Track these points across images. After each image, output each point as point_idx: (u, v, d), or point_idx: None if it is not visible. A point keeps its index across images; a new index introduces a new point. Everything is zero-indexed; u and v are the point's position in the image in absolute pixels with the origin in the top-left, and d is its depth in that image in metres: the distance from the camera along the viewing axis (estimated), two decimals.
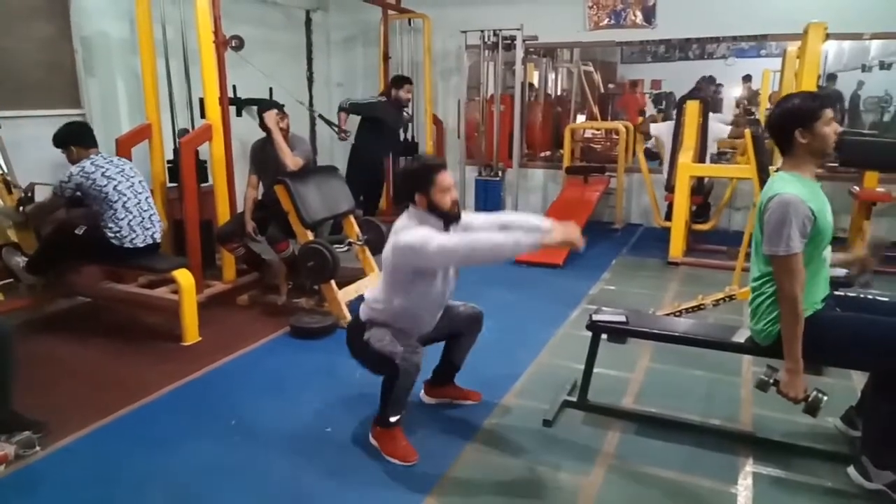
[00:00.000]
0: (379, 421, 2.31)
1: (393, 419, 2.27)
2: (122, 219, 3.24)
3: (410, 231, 2.14)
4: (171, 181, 4.18)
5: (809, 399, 2.06)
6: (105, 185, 3.20)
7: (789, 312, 2.01)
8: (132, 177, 3.35)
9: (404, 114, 5.51)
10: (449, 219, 2.21)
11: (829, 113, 2.01)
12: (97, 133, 3.45)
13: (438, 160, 2.34)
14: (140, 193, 3.36)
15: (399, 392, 2.22)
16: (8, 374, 2.27)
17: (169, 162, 4.21)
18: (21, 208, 3.44)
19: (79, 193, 3.22)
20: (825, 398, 2.06)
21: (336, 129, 5.39)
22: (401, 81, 5.28)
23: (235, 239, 3.87)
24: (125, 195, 3.26)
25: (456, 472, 2.19)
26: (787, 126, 2.04)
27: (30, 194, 3.47)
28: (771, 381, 2.11)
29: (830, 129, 2.01)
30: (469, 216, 2.35)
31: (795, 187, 1.99)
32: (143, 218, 3.34)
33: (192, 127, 4.31)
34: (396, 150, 5.89)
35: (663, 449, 2.33)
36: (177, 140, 4.20)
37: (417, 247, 2.08)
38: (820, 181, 2.12)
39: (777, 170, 2.15)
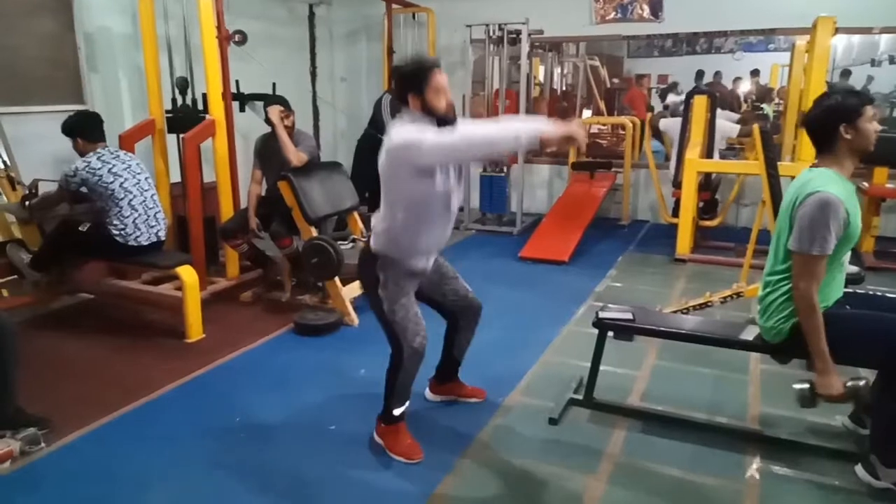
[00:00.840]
0: (383, 416, 2.29)
1: (396, 412, 2.26)
2: (128, 216, 3.24)
3: (403, 130, 2.03)
4: (169, 131, 4.08)
5: (848, 390, 2.01)
6: (111, 182, 3.19)
7: (807, 312, 1.98)
8: (139, 173, 3.34)
9: None
10: (444, 122, 2.05)
11: (870, 110, 1.99)
12: None
13: (433, 59, 2.19)
14: (146, 191, 3.34)
15: (403, 380, 2.20)
16: (12, 371, 2.27)
17: (167, 112, 4.10)
18: (26, 203, 3.43)
19: (84, 189, 3.21)
20: (863, 382, 2.02)
21: None
22: None
23: (239, 235, 3.86)
24: (131, 192, 3.25)
25: (461, 469, 2.18)
26: (831, 122, 2.01)
27: (34, 190, 3.47)
28: (807, 392, 2.06)
29: (872, 126, 1.99)
30: (467, 123, 2.18)
31: (837, 187, 1.95)
32: (149, 216, 3.33)
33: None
34: None
35: (670, 447, 2.31)
36: (174, 90, 4.13)
37: (412, 143, 1.97)
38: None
39: (813, 165, 2.11)
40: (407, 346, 2.16)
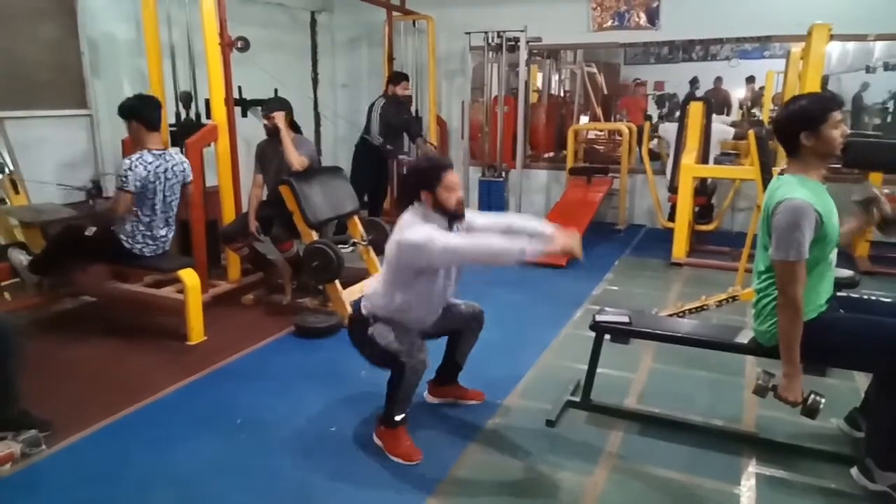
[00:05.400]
0: (383, 420, 2.32)
1: (398, 418, 2.28)
2: (141, 230, 3.24)
3: (415, 229, 2.16)
4: (172, 145, 4.10)
5: (808, 402, 2.06)
6: (146, 191, 3.17)
7: (791, 317, 2.00)
8: (171, 184, 3.28)
9: (409, 111, 5.54)
10: (453, 218, 2.23)
11: (836, 115, 1.99)
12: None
13: (446, 160, 2.41)
14: (167, 212, 3.32)
15: (405, 390, 2.23)
16: (14, 373, 2.28)
17: (171, 125, 4.14)
18: (90, 202, 3.40)
19: (138, 184, 3.14)
20: (823, 400, 2.06)
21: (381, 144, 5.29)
22: (397, 78, 5.35)
23: (240, 239, 3.88)
24: (155, 215, 3.25)
25: (459, 471, 2.20)
26: (793, 128, 2.03)
27: (95, 189, 3.43)
28: (769, 386, 2.11)
29: (838, 131, 1.99)
30: (472, 215, 2.37)
31: (802, 191, 1.97)
32: (158, 236, 3.33)
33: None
34: (413, 132, 5.60)
35: (666, 449, 2.33)
36: (178, 104, 4.16)
37: (422, 246, 2.11)
38: (825, 184, 2.12)
39: (781, 171, 2.14)
40: (407, 362, 2.19)
